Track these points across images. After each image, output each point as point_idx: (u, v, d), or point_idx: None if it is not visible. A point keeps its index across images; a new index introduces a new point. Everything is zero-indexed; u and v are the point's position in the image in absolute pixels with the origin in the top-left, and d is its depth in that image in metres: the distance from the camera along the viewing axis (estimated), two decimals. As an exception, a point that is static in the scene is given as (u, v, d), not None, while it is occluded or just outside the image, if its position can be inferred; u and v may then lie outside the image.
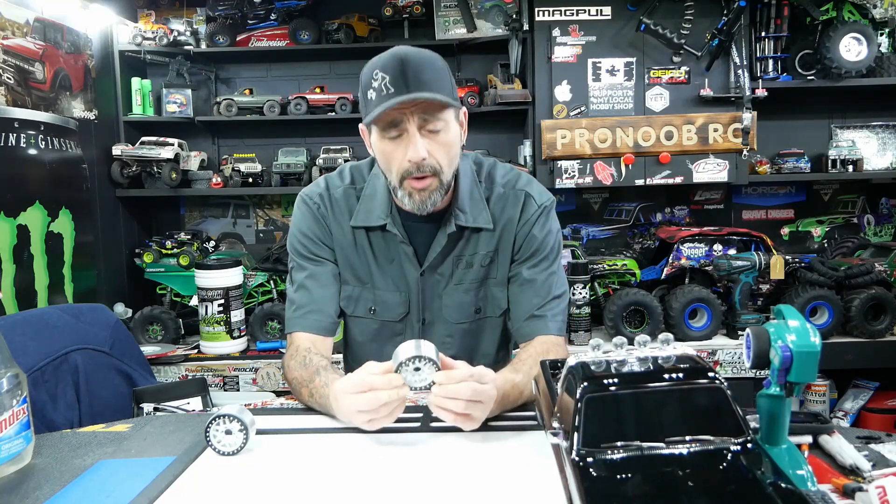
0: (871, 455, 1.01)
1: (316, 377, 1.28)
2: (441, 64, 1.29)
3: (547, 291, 1.43)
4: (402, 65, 1.23)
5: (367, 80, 1.27)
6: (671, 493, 0.74)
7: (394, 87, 1.23)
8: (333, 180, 1.49)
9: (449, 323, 1.47)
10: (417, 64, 1.24)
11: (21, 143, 2.35)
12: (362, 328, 1.51)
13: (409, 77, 1.23)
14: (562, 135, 2.89)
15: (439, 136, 1.29)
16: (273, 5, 3.13)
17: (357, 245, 1.46)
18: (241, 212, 3.45)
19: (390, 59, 1.25)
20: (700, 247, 2.83)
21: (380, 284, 1.46)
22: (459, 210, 1.41)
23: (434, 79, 1.25)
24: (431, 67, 1.26)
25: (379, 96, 1.24)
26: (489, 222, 1.43)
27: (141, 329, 2.83)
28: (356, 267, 1.47)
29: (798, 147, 3.19)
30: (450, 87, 1.29)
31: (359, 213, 1.44)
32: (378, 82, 1.24)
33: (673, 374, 0.84)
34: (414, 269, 1.44)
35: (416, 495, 0.94)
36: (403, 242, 1.42)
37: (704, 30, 2.86)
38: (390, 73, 1.23)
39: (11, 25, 2.35)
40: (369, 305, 1.48)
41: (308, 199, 1.47)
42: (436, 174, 1.30)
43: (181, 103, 3.14)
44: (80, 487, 0.99)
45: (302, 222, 1.47)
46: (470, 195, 1.43)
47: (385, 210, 1.41)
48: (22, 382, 1.06)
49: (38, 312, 1.72)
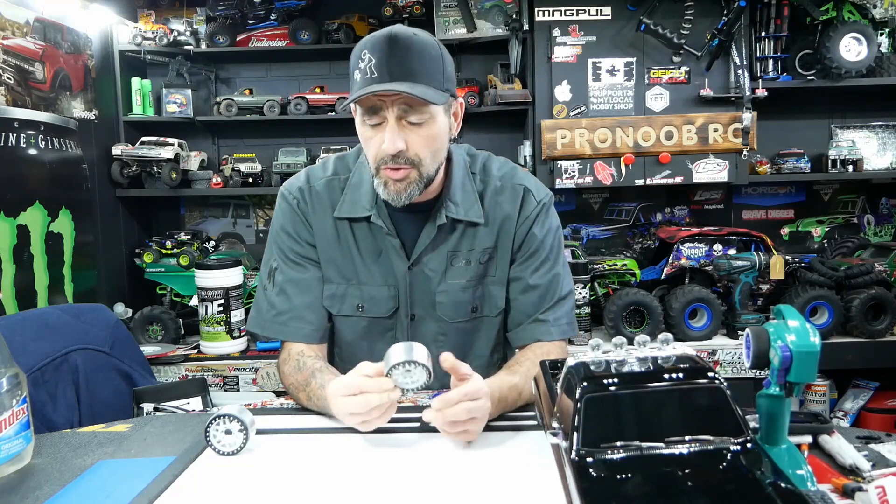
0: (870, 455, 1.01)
1: (312, 380, 1.27)
2: (435, 52, 1.22)
3: (552, 294, 1.39)
4: (390, 48, 1.17)
5: (355, 59, 1.22)
6: (671, 493, 0.74)
7: (377, 72, 1.17)
8: (315, 172, 1.44)
9: (443, 321, 1.42)
10: (407, 49, 1.18)
11: (21, 143, 2.35)
12: (351, 327, 1.45)
13: (395, 63, 1.17)
14: (562, 135, 2.89)
15: (421, 129, 1.23)
16: (273, 5, 3.13)
17: (340, 239, 1.40)
18: (241, 212, 3.45)
19: (380, 40, 1.19)
20: (700, 247, 2.83)
21: (366, 280, 1.40)
22: (451, 202, 1.36)
23: (422, 68, 1.19)
24: (421, 55, 1.20)
25: (363, 78, 1.19)
26: (480, 216, 1.38)
27: (141, 329, 2.83)
28: (339, 263, 1.41)
29: (798, 147, 3.19)
30: (440, 77, 1.22)
31: (343, 204, 1.38)
32: (364, 63, 1.19)
33: (673, 374, 0.84)
34: (402, 262, 1.38)
35: (415, 495, 0.94)
36: (390, 234, 1.36)
37: (704, 30, 2.86)
38: (377, 54, 1.18)
39: (11, 25, 2.35)
40: (356, 303, 1.42)
41: (287, 193, 1.42)
42: (414, 166, 1.24)
43: (181, 103, 3.13)
44: (80, 487, 0.99)
45: (283, 219, 1.42)
46: (462, 187, 1.38)
47: (370, 201, 1.36)
48: (22, 382, 1.06)
49: (38, 312, 1.72)
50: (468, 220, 1.38)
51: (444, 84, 1.24)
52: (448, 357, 1.11)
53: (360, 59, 1.20)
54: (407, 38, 1.19)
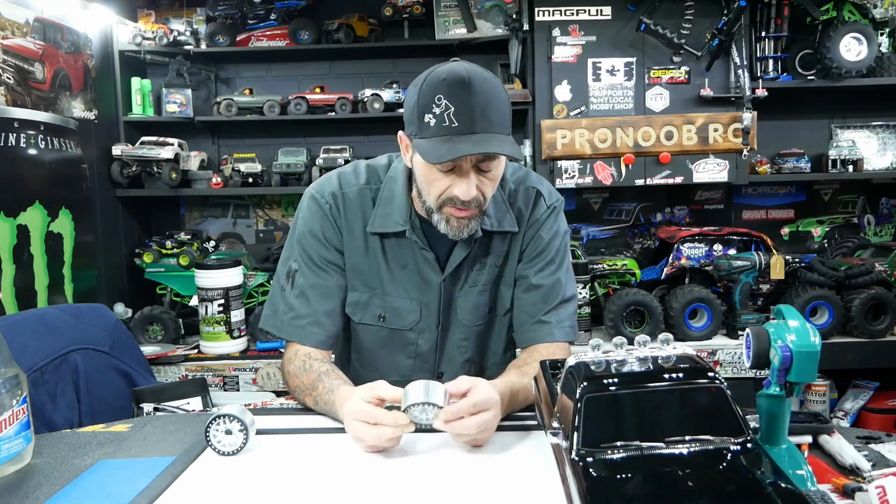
0: (870, 455, 1.01)
1: (319, 384, 1.27)
2: (505, 96, 1.22)
3: (554, 297, 1.41)
4: (469, 95, 1.16)
5: (425, 102, 1.18)
6: (671, 493, 0.74)
7: (458, 122, 1.16)
8: (348, 178, 1.42)
9: (465, 326, 1.44)
10: (485, 97, 1.17)
11: (21, 143, 2.35)
12: (372, 336, 1.45)
13: (476, 113, 1.16)
14: (562, 135, 2.89)
15: (490, 174, 1.24)
16: (273, 5, 3.13)
17: (369, 249, 1.39)
18: (241, 212, 3.45)
19: (456, 86, 1.16)
20: (700, 247, 2.83)
21: (391, 291, 1.40)
22: (485, 214, 1.35)
23: (498, 116, 1.19)
24: (497, 101, 1.19)
25: (439, 126, 1.17)
26: (514, 225, 1.40)
27: (141, 329, 2.83)
28: (365, 272, 1.40)
29: (798, 147, 3.18)
30: (510, 121, 1.22)
31: (375, 219, 1.37)
32: (440, 109, 1.16)
33: (673, 374, 0.84)
34: (436, 275, 1.39)
35: (416, 495, 0.94)
36: (424, 249, 1.37)
37: (704, 30, 2.85)
38: (455, 102, 1.16)
39: (11, 25, 2.35)
40: (379, 312, 1.42)
41: (319, 196, 1.39)
42: (478, 206, 1.26)
43: (181, 103, 3.13)
44: (80, 487, 0.99)
45: (312, 222, 1.39)
46: (493, 198, 1.37)
47: (404, 216, 1.36)
48: (22, 382, 1.06)
49: (38, 312, 1.72)
50: (503, 231, 1.40)
51: (510, 127, 1.24)
52: (451, 386, 1.11)
53: (433, 104, 1.17)
54: (482, 83, 1.17)
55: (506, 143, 1.19)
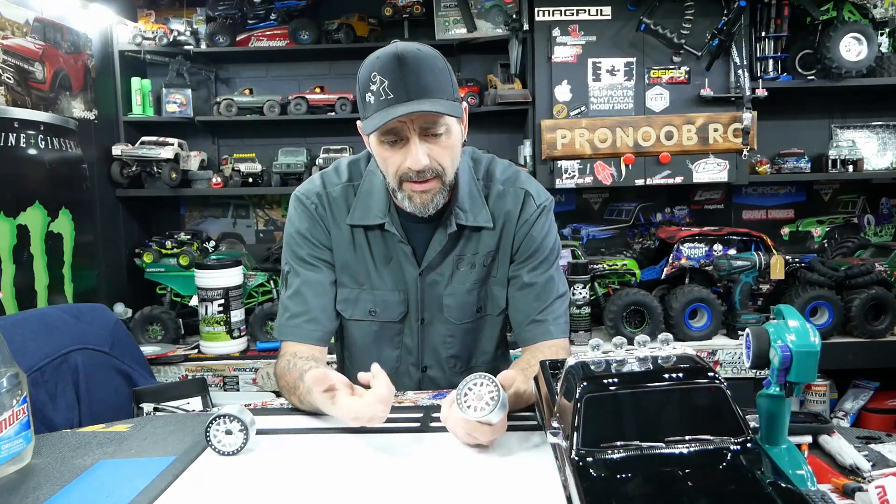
0: (870, 455, 1.01)
1: (300, 383, 1.26)
2: (442, 64, 1.24)
3: (547, 294, 1.42)
4: (400, 67, 1.19)
5: (364, 82, 1.23)
6: (671, 493, 0.74)
7: (392, 93, 1.19)
8: (330, 177, 1.45)
9: (451, 323, 1.46)
10: (417, 66, 1.20)
11: (21, 143, 2.35)
12: (362, 331, 1.47)
13: (409, 82, 1.18)
14: (562, 135, 2.89)
15: (441, 140, 1.25)
16: (273, 5, 3.13)
17: (355, 244, 1.42)
18: (241, 212, 3.45)
19: (389, 61, 1.20)
20: (700, 247, 2.83)
21: (378, 285, 1.43)
22: (459, 209, 1.38)
23: (435, 82, 1.21)
24: (431, 69, 1.22)
25: (377, 101, 1.20)
26: (489, 221, 1.41)
27: (141, 329, 2.83)
28: (353, 268, 1.43)
29: (798, 147, 3.19)
30: (451, 87, 1.25)
31: (355, 212, 1.40)
32: (376, 86, 1.20)
33: (673, 374, 0.84)
34: (412, 268, 1.41)
35: (415, 495, 0.94)
36: (402, 242, 1.39)
37: (704, 30, 2.86)
38: (389, 76, 1.19)
39: (11, 25, 2.35)
40: (369, 307, 1.45)
41: (304, 198, 1.43)
42: (438, 176, 1.28)
43: (181, 103, 3.13)
44: (80, 487, 0.99)
45: (299, 223, 1.42)
46: (469, 193, 1.40)
47: (383, 208, 1.38)
48: (22, 382, 1.06)
49: (38, 312, 1.72)
50: (477, 226, 1.40)
51: (454, 94, 1.27)
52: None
53: (370, 82, 1.21)
54: (415, 55, 1.20)
55: (440, 104, 1.20)
